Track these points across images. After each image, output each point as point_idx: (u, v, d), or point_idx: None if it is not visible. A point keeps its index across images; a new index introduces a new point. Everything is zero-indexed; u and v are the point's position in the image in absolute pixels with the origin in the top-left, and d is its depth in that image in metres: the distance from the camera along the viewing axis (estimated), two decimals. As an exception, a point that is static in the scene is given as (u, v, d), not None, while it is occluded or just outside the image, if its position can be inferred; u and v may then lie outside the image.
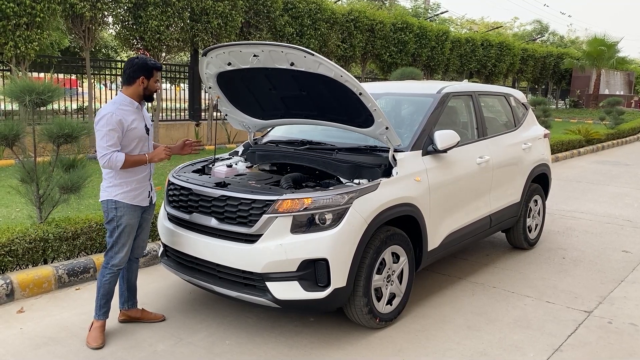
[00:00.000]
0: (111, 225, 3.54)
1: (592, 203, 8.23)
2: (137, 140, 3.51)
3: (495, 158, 4.92)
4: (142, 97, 3.56)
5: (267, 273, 3.37)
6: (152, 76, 3.52)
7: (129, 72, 3.48)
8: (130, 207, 3.54)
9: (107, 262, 3.57)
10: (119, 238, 3.54)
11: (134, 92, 3.51)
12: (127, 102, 3.50)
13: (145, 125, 3.58)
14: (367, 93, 3.56)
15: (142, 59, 3.52)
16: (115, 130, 3.36)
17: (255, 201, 3.46)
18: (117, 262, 3.56)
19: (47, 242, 4.41)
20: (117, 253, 3.55)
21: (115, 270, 3.59)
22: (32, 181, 4.54)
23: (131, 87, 3.50)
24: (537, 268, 5.20)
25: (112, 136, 3.36)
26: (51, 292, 4.28)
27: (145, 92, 3.54)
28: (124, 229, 3.53)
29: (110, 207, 3.50)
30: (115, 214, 3.50)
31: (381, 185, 3.66)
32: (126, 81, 3.51)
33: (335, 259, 3.36)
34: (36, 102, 4.35)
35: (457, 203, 4.44)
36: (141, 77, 3.48)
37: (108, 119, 3.35)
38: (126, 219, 3.53)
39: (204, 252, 3.65)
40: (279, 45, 3.57)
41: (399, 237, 3.80)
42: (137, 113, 3.54)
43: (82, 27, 11.11)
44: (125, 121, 3.42)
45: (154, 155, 3.55)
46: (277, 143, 4.71)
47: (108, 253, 3.57)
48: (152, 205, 3.77)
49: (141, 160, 3.50)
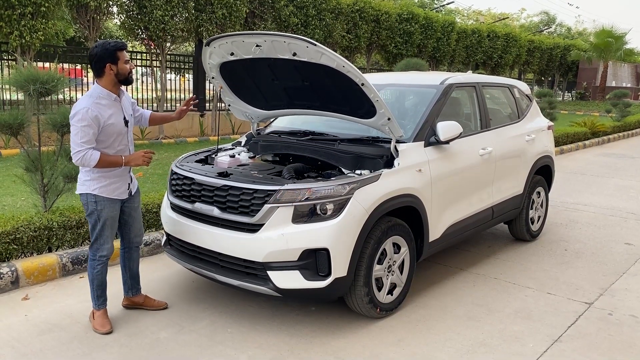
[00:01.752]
0: (92, 219, 3.50)
1: (596, 195, 8.21)
2: (115, 135, 3.41)
3: (498, 150, 4.92)
4: (118, 84, 3.41)
5: (269, 262, 3.40)
6: (119, 59, 3.33)
7: (94, 65, 3.33)
8: (110, 200, 3.48)
9: (93, 254, 3.55)
10: (102, 231, 3.51)
11: (108, 82, 3.36)
12: (105, 95, 3.36)
13: (124, 118, 3.48)
14: (370, 84, 3.56)
15: (100, 45, 3.32)
16: (90, 126, 3.24)
17: (257, 191, 3.48)
18: (105, 252, 3.55)
19: (52, 231, 4.45)
20: (103, 244, 3.53)
21: (104, 260, 3.57)
22: (36, 170, 4.58)
23: (103, 78, 3.35)
24: (538, 260, 5.20)
25: (87, 132, 3.23)
26: (56, 280, 4.33)
27: (118, 77, 3.36)
28: (106, 221, 3.50)
29: (90, 200, 3.45)
30: (95, 207, 3.45)
31: (383, 176, 3.67)
32: (96, 74, 3.37)
33: (336, 248, 3.38)
34: (40, 91, 4.37)
35: (459, 194, 4.45)
36: (107, 65, 3.31)
37: (83, 114, 3.23)
38: (107, 211, 3.48)
39: (206, 241, 3.68)
40: (282, 35, 3.57)
41: (400, 227, 3.81)
42: (115, 106, 3.41)
43: (86, 17, 11.14)
44: (102, 117, 3.30)
45: (131, 159, 3.43)
46: (279, 134, 4.72)
47: (93, 245, 3.54)
48: (136, 193, 3.73)
49: (117, 162, 3.38)
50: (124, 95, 3.57)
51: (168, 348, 3.36)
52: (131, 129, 3.60)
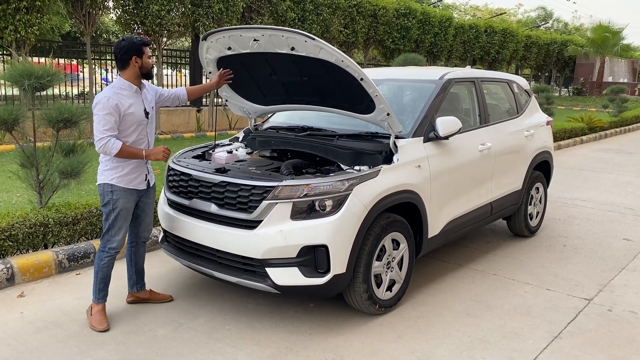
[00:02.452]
0: (107, 209, 3.53)
1: (594, 191, 8.20)
2: (135, 125, 3.49)
3: (497, 145, 4.89)
4: (140, 77, 3.54)
5: (267, 259, 3.37)
6: (144, 53, 3.49)
7: (120, 56, 3.47)
8: (126, 190, 3.53)
9: (103, 245, 3.58)
10: (115, 222, 3.54)
11: (131, 75, 3.50)
12: (126, 86, 3.48)
13: (145, 109, 3.55)
14: (369, 79, 3.53)
15: (127, 39, 3.47)
16: (111, 114, 3.34)
17: (255, 187, 3.44)
18: (115, 245, 3.57)
19: (48, 227, 4.41)
20: (114, 236, 3.56)
21: (112, 253, 3.59)
22: (32, 166, 4.54)
23: (127, 70, 3.49)
24: (537, 256, 5.19)
25: (109, 120, 3.34)
26: (52, 277, 4.30)
27: (142, 70, 3.50)
28: (120, 212, 3.53)
29: (106, 190, 3.50)
30: (111, 197, 3.50)
31: (382, 172, 3.64)
32: (120, 66, 3.51)
33: (335, 245, 3.35)
34: (35, 86, 4.32)
35: (458, 190, 4.42)
36: (133, 57, 3.45)
37: (104, 103, 3.33)
38: (122, 202, 3.52)
39: (203, 238, 3.64)
40: (280, 30, 3.53)
41: (399, 224, 3.79)
42: (136, 97, 3.51)
43: (82, 11, 11.05)
44: (122, 105, 3.39)
45: (152, 153, 3.51)
46: (277, 129, 4.68)
47: (104, 236, 3.58)
48: (152, 189, 3.77)
49: (137, 155, 3.47)
50: (146, 87, 3.64)
51: (166, 345, 3.33)
52: (152, 121, 3.66)
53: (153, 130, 3.68)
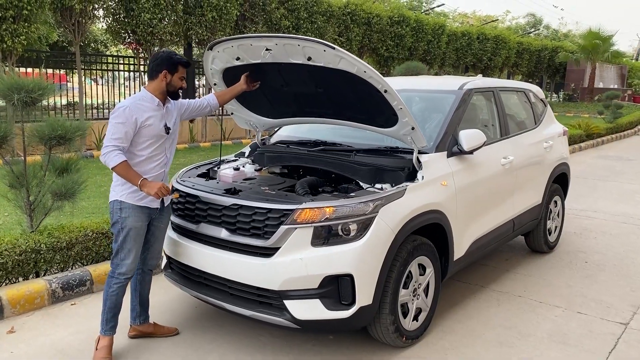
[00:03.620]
0: (116, 228, 3.22)
1: (603, 201, 7.98)
2: (153, 139, 3.20)
3: (518, 158, 4.62)
4: (165, 94, 3.27)
5: (286, 290, 3.05)
6: (177, 71, 3.24)
7: (152, 66, 3.24)
8: (136, 208, 3.21)
9: (113, 270, 3.26)
10: (124, 243, 3.21)
11: (157, 88, 3.23)
12: (148, 98, 3.23)
13: (166, 124, 3.26)
14: (393, 90, 3.24)
15: (167, 52, 3.28)
16: (124, 124, 3.08)
17: (271, 210, 3.13)
18: (124, 270, 3.24)
19: (39, 254, 4.05)
20: (124, 260, 3.23)
21: (123, 280, 3.26)
22: (21, 186, 4.18)
23: (154, 82, 3.24)
24: (560, 274, 4.92)
25: (119, 129, 3.07)
26: (44, 309, 3.94)
27: (169, 87, 3.25)
28: (129, 232, 3.20)
29: (116, 207, 3.20)
30: (120, 215, 3.19)
31: (407, 190, 3.34)
32: (150, 76, 3.26)
33: (361, 274, 3.04)
34: (25, 100, 3.98)
35: (483, 208, 4.14)
36: (164, 72, 3.20)
37: (120, 112, 3.10)
38: (131, 221, 3.19)
39: (213, 267, 3.32)
40: (296, 38, 3.24)
41: (426, 247, 3.49)
42: (157, 110, 3.23)
43: (71, 21, 10.69)
44: (140, 117, 3.13)
45: (148, 185, 3.07)
46: (287, 144, 4.37)
47: (113, 260, 3.26)
48: (167, 211, 3.44)
49: (133, 180, 3.07)
50: (171, 102, 3.36)
51: (174, 388, 3.00)
52: (173, 138, 3.37)
53: (174, 147, 3.40)
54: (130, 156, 3.15)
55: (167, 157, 3.35)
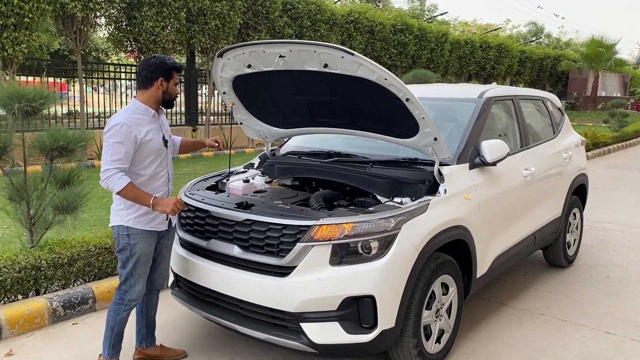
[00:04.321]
0: (124, 255, 3.00)
1: (617, 212, 7.79)
2: (154, 155, 2.99)
3: (539, 169, 4.44)
4: (160, 103, 3.04)
5: (302, 312, 2.85)
6: (172, 78, 3.03)
7: (145, 74, 2.97)
8: (145, 233, 3.01)
9: (121, 297, 3.05)
10: (134, 269, 3.01)
11: (151, 97, 3.00)
12: (143, 110, 2.98)
13: (164, 137, 3.06)
14: (416, 99, 3.06)
15: (159, 57, 3.02)
16: (123, 143, 2.83)
17: (286, 227, 2.94)
18: (135, 296, 3.05)
19: (40, 270, 3.85)
20: (133, 286, 3.03)
21: (132, 305, 3.09)
22: (22, 200, 3.99)
23: (148, 91, 2.99)
24: (582, 290, 4.72)
25: (118, 150, 2.83)
26: (44, 329, 3.73)
27: (165, 96, 3.03)
28: (139, 258, 3.01)
29: (122, 233, 2.97)
30: (127, 242, 2.97)
31: (431, 205, 3.15)
32: (142, 84, 2.99)
33: (383, 295, 2.85)
34: (26, 110, 3.80)
35: (505, 222, 3.95)
36: (160, 79, 2.98)
37: (116, 130, 2.84)
38: (141, 247, 3.00)
39: (224, 286, 3.12)
40: (312, 44, 3.06)
41: (449, 265, 3.29)
42: (154, 122, 3.02)
43: (73, 29, 10.55)
44: (139, 133, 2.90)
45: (161, 203, 2.90)
46: (299, 155, 4.18)
47: (121, 287, 3.04)
48: (173, 229, 3.25)
49: (144, 200, 2.88)
50: (163, 114, 3.17)
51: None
52: (170, 151, 3.18)
53: (171, 160, 3.19)
54: (132, 176, 2.90)
55: (169, 173, 3.14)
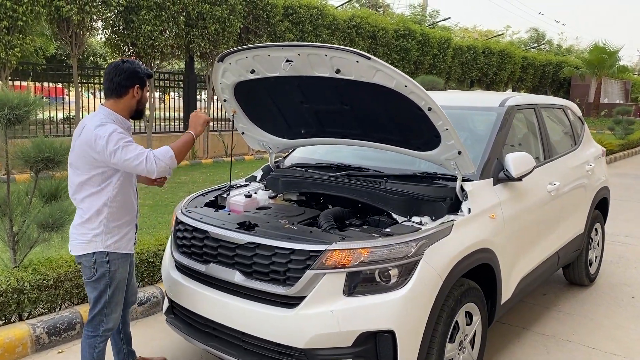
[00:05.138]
0: (101, 284, 2.70)
1: (633, 224, 7.49)
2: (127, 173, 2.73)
3: (563, 183, 4.13)
4: (132, 113, 2.76)
5: (313, 349, 2.53)
6: (145, 85, 2.78)
7: (118, 81, 2.67)
8: (124, 257, 2.77)
9: (94, 328, 2.75)
10: (112, 297, 2.74)
11: (125, 107, 2.72)
12: (120, 121, 2.70)
13: None
14: (439, 108, 2.75)
15: (131, 63, 2.73)
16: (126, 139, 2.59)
17: (295, 252, 2.62)
18: (110, 325, 2.78)
19: (23, 293, 3.52)
20: (110, 315, 2.75)
21: (109, 335, 2.81)
22: (4, 216, 3.67)
23: (121, 99, 2.70)
24: (607, 312, 4.40)
25: (130, 143, 2.59)
26: (27, 358, 3.40)
27: (139, 105, 2.77)
28: (118, 285, 2.76)
29: (101, 260, 2.67)
30: (108, 268, 2.68)
31: (455, 226, 2.83)
32: (115, 93, 2.68)
33: (404, 329, 2.53)
34: (9, 118, 3.49)
35: (530, 241, 3.64)
36: (135, 87, 2.71)
37: (115, 136, 2.55)
38: (120, 272, 2.75)
39: (224, 316, 2.80)
40: (323, 47, 2.75)
41: (474, 291, 2.97)
42: (130, 136, 2.72)
43: (68, 32, 10.24)
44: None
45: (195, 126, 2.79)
46: (305, 167, 3.87)
47: (95, 318, 2.74)
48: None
49: (189, 140, 2.74)
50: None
51: None
52: None
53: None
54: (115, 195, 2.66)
55: (136, 191, 2.88)
